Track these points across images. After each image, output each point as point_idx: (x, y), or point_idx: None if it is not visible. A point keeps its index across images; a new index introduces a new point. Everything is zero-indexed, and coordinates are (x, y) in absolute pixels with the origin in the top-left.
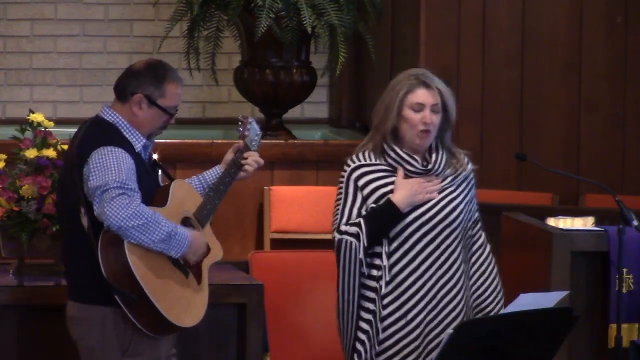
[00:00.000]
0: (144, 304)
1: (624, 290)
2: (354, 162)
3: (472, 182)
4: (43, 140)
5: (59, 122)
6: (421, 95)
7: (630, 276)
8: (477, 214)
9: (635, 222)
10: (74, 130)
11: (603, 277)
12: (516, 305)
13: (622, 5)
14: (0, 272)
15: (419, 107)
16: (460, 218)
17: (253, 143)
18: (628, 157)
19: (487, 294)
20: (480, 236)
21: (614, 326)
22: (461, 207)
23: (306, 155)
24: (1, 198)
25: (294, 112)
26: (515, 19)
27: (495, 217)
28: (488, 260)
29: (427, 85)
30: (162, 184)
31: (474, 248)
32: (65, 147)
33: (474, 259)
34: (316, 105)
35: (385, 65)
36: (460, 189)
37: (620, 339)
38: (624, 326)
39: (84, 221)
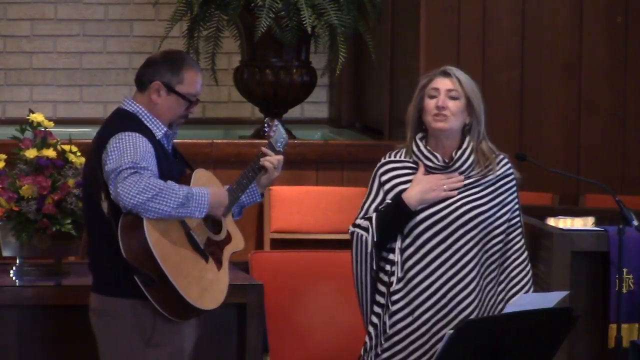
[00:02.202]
0: (163, 284)
1: (624, 290)
2: (384, 159)
3: (508, 186)
4: (43, 140)
5: (59, 122)
6: (437, 82)
7: (630, 276)
8: (516, 220)
9: (635, 222)
10: (74, 130)
11: (603, 277)
12: (516, 305)
13: (622, 5)
14: (0, 272)
15: (434, 93)
16: (478, 220)
17: (278, 144)
18: (628, 157)
19: (511, 300)
20: (517, 242)
21: (614, 326)
22: (482, 209)
23: (306, 155)
24: (1, 198)
25: (294, 112)
26: (515, 19)
27: None
28: (520, 267)
29: (445, 73)
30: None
31: (508, 253)
32: (66, 147)
33: (506, 263)
34: (316, 105)
35: (385, 65)
36: (487, 191)
37: (620, 339)
38: (624, 326)
39: (104, 207)
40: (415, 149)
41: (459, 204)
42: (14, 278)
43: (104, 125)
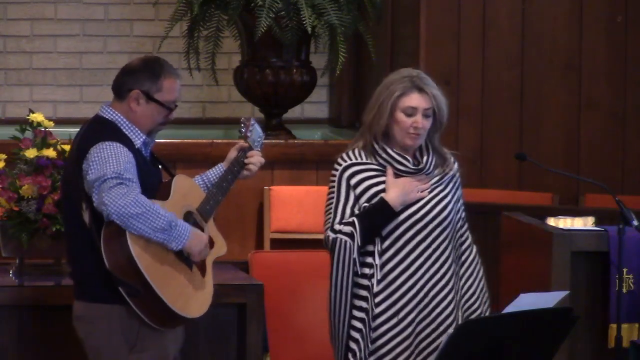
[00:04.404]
0: (149, 295)
1: (624, 290)
2: (345, 161)
3: (458, 181)
4: (43, 140)
5: (59, 122)
6: (414, 99)
7: (630, 276)
8: (463, 214)
9: (635, 222)
10: (74, 130)
11: (603, 277)
12: (516, 305)
13: (622, 5)
14: (0, 272)
15: (411, 111)
16: (450, 217)
17: (256, 144)
18: (628, 157)
19: (475, 295)
20: (467, 237)
21: (614, 326)
22: (450, 206)
23: (306, 155)
24: (1, 198)
25: (294, 112)
26: (515, 19)
27: (495, 217)
28: (475, 261)
29: (420, 89)
30: (164, 181)
31: (462, 248)
32: (66, 147)
33: (462, 259)
34: (316, 105)
35: (385, 65)
36: (449, 188)
37: (620, 339)
38: (624, 326)
39: (86, 216)
40: (382, 153)
41: (433, 202)
42: (13, 278)
43: (82, 133)
